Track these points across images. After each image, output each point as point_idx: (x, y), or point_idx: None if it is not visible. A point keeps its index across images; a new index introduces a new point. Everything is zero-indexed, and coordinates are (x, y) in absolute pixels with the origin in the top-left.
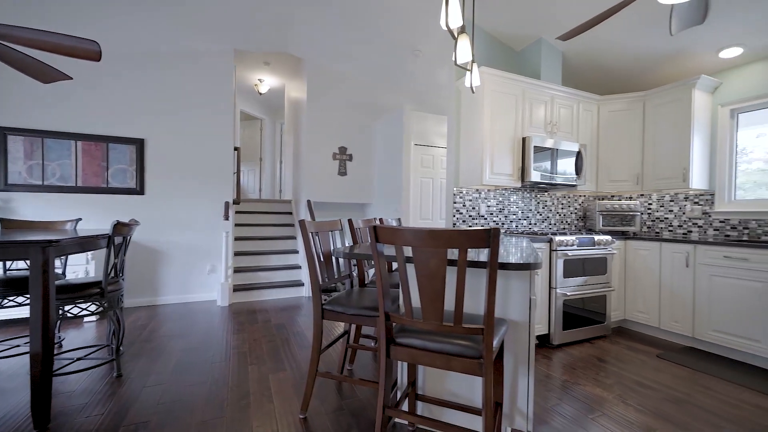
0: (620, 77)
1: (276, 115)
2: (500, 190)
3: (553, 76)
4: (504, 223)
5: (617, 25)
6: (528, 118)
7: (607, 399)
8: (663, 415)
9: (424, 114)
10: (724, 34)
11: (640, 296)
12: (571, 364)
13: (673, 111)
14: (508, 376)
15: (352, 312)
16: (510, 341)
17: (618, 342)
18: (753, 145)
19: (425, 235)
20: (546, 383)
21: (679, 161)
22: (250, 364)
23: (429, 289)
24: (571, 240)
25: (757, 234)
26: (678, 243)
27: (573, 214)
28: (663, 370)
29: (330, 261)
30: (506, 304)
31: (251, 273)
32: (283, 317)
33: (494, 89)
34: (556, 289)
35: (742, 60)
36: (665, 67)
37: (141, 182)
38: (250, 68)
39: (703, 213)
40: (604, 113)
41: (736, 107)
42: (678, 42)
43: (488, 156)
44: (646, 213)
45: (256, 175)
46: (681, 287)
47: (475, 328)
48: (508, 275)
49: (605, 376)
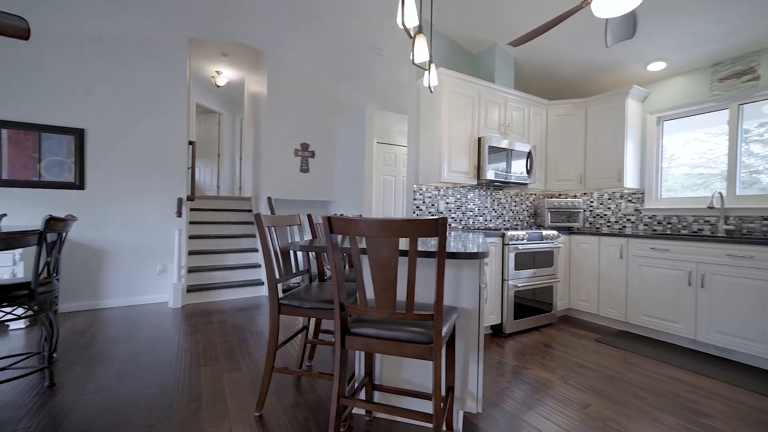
0: (566, 84)
1: (235, 109)
2: (458, 188)
3: (506, 80)
4: (462, 220)
5: (563, 37)
6: (483, 119)
7: (551, 380)
8: (598, 391)
9: (387, 113)
10: (651, 50)
11: (583, 286)
12: (521, 350)
13: (610, 117)
14: (459, 362)
15: (309, 305)
16: (461, 328)
17: (563, 329)
18: (680, 151)
19: (377, 225)
20: (498, 369)
21: (615, 163)
22: (204, 365)
23: (382, 278)
24: (522, 235)
25: (677, 228)
26: (614, 237)
27: (525, 211)
28: (600, 353)
29: (288, 256)
30: (458, 293)
31: (207, 273)
32: (241, 317)
33: (452, 90)
34: (508, 281)
35: (665, 73)
36: (604, 77)
37: (81, 176)
38: (207, 59)
39: (635, 210)
40: (552, 117)
41: (661, 115)
42: (614, 54)
43: (446, 154)
44: (588, 210)
45: (214, 171)
46: (616, 277)
47: (425, 315)
48: (460, 266)
49: (550, 360)
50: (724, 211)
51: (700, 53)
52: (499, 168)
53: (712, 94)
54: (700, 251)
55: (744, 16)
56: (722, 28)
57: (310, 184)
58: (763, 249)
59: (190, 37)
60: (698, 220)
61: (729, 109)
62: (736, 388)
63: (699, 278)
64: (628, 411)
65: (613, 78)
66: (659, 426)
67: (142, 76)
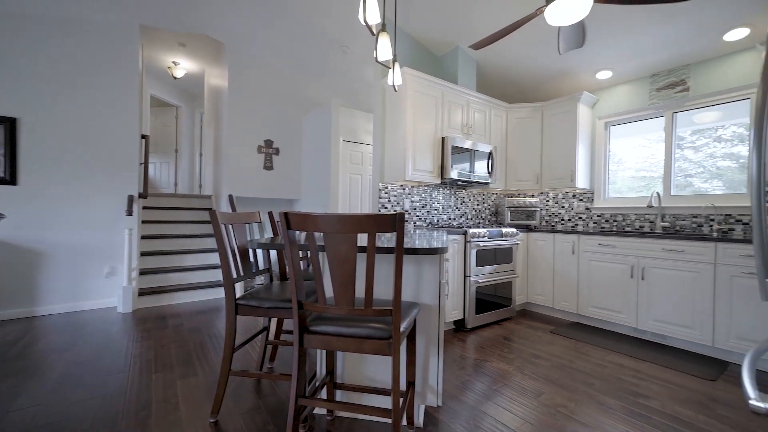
0: (524, 88)
1: (195, 103)
2: (423, 187)
3: (469, 82)
4: (426, 218)
5: (522, 43)
6: (447, 120)
7: (509, 371)
8: (551, 379)
9: (353, 111)
10: (599, 59)
11: (539, 281)
12: (482, 344)
13: (563, 121)
14: (420, 357)
15: (269, 305)
16: (422, 323)
17: (521, 322)
18: (627, 156)
19: (335, 221)
20: (460, 362)
21: (568, 164)
22: (155, 372)
23: (341, 274)
24: (483, 232)
25: (622, 225)
26: (567, 234)
27: (487, 209)
28: (554, 343)
29: (247, 255)
30: (418, 288)
31: (162, 275)
32: (199, 321)
33: (416, 90)
34: (470, 277)
35: (612, 82)
36: (558, 83)
37: (12, 170)
38: (163, 49)
39: (586, 209)
40: (512, 119)
41: (608, 120)
42: (567, 62)
43: (411, 153)
44: (544, 209)
45: (171, 168)
46: (569, 271)
47: (384, 310)
48: (421, 261)
49: (509, 352)
50: (660, 210)
51: (641, 64)
52: (462, 167)
53: (651, 103)
54: (640, 246)
55: (676, 34)
56: (660, 43)
57: (274, 181)
58: (692, 244)
59: (142, 24)
60: (640, 218)
61: (665, 117)
62: (669, 371)
63: (640, 271)
64: (577, 396)
65: (566, 84)
66: (604, 409)
67: (87, 62)
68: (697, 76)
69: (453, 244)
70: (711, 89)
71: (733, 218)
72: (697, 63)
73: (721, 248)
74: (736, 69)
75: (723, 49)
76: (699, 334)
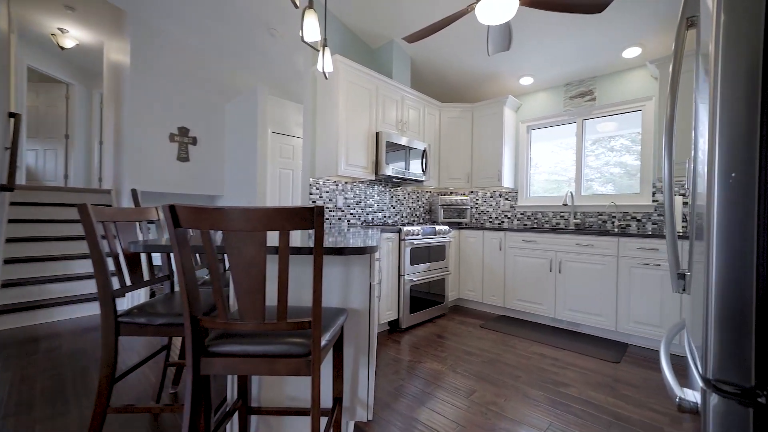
0: (457, 89)
1: (93, 82)
2: (357, 183)
3: (404, 78)
4: (361, 216)
5: (456, 43)
6: (381, 114)
7: (442, 371)
8: (482, 376)
9: (283, 100)
10: (523, 65)
11: (470, 277)
12: (416, 344)
13: (491, 122)
14: (348, 368)
15: (162, 322)
16: (351, 331)
17: (453, 318)
18: (544, 160)
19: (238, 216)
20: (394, 366)
21: (495, 164)
22: (4, 417)
23: (246, 281)
24: (417, 230)
25: (541, 222)
26: (494, 231)
27: (421, 207)
28: (484, 338)
29: (137, 260)
30: (346, 292)
31: (37, 286)
32: (85, 341)
33: (350, 80)
34: (405, 276)
35: (533, 88)
36: (488, 85)
37: None
38: (44, 11)
39: (511, 207)
40: (444, 118)
41: (530, 124)
42: (496, 66)
43: (344, 147)
44: (474, 207)
45: (60, 157)
46: (497, 267)
47: (301, 323)
48: (349, 262)
49: (442, 350)
50: (573, 208)
51: (557, 73)
52: (397, 164)
53: (565, 109)
54: (558, 242)
55: (586, 47)
56: (573, 55)
57: (191, 175)
58: (600, 239)
59: None
60: (556, 215)
61: (576, 123)
62: (582, 356)
63: (557, 265)
64: (506, 392)
65: (494, 87)
66: (530, 402)
67: None
68: (602, 87)
69: (387, 243)
70: (612, 100)
71: (630, 215)
72: (602, 76)
73: (623, 242)
74: (631, 83)
75: (622, 65)
76: (605, 320)
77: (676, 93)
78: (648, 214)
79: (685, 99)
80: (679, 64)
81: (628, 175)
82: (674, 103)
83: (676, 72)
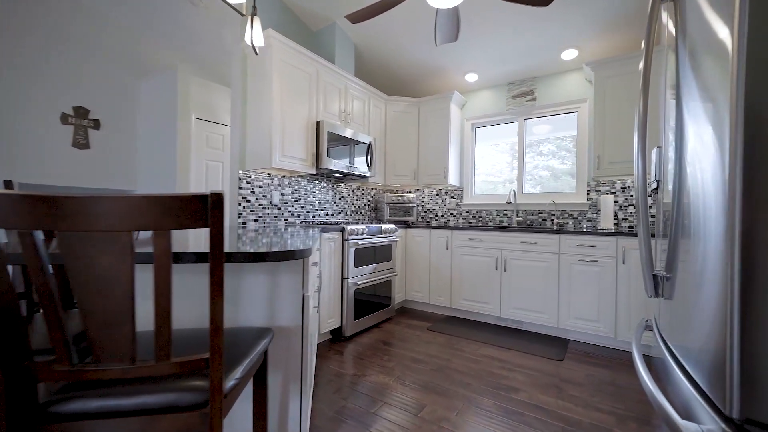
0: (403, 82)
1: None
2: (296, 178)
3: (347, 65)
4: (301, 214)
5: (403, 32)
6: (323, 103)
7: (389, 385)
8: (431, 387)
9: (210, 83)
10: (468, 61)
11: (417, 277)
12: (361, 353)
13: (438, 118)
14: (275, 401)
15: None
16: (279, 354)
17: (400, 322)
18: (481, 161)
19: (83, 208)
20: (336, 383)
21: (441, 161)
22: None
23: (100, 306)
24: (362, 229)
25: (486, 221)
26: (441, 229)
27: (366, 205)
28: (431, 342)
29: None
30: (273, 307)
31: None
32: None
33: (285, 60)
34: (348, 279)
35: (477, 85)
36: (435, 80)
37: None
38: None
39: (456, 205)
40: (390, 112)
41: (474, 122)
42: (443, 58)
43: (279, 136)
44: (421, 205)
45: None
46: (443, 266)
47: (192, 361)
48: (276, 271)
49: (389, 359)
50: (516, 206)
51: (500, 72)
52: (339, 158)
53: (508, 108)
54: (502, 239)
55: (528, 46)
56: (515, 54)
57: (93, 165)
58: (542, 236)
59: None
60: (500, 213)
61: (518, 123)
62: (528, 356)
63: (503, 263)
64: (457, 403)
65: (441, 82)
66: (483, 413)
67: None
68: (542, 88)
69: (329, 243)
70: (551, 101)
71: (567, 213)
72: (542, 76)
73: (564, 239)
74: (568, 85)
75: (560, 66)
76: (548, 317)
77: (648, 85)
78: (583, 212)
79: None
80: (650, 53)
81: (554, 176)
82: (647, 97)
83: (649, 60)
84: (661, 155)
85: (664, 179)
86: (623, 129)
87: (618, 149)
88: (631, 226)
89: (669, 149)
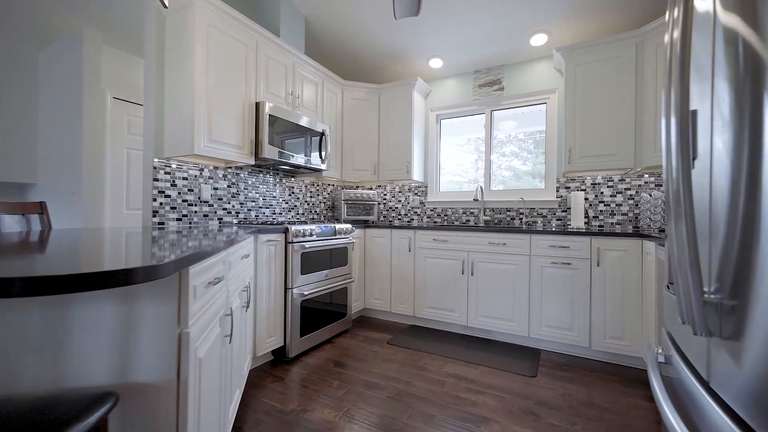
0: (363, 66)
1: None
2: (234, 170)
3: (296, 40)
4: (240, 212)
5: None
6: (264, 82)
7: (336, 424)
8: (387, 423)
9: (130, 56)
10: (432, 43)
11: (377, 283)
12: (306, 379)
13: (400, 107)
14: None
15: None
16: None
17: (357, 335)
18: (447, 161)
19: None
20: (268, 425)
21: (404, 155)
22: None
23: None
24: (310, 230)
25: (452, 220)
26: (403, 229)
27: (322, 203)
28: (391, 359)
29: None
30: (127, 353)
31: None
32: None
33: (214, 25)
34: (293, 289)
35: (442, 73)
36: (397, 65)
37: None
38: None
39: (420, 203)
40: (348, 99)
41: (439, 113)
42: (406, 40)
43: (203, 116)
44: (382, 203)
45: None
46: (406, 270)
47: None
48: (133, 297)
49: (339, 385)
50: (483, 204)
51: (466, 58)
52: (287, 148)
53: (474, 99)
54: (469, 240)
55: (494, 29)
56: (481, 39)
57: None
58: (512, 236)
59: None
60: (467, 212)
61: (485, 114)
62: (499, 372)
63: (470, 266)
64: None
65: (403, 68)
66: None
67: None
68: (510, 77)
69: (268, 247)
70: (519, 91)
71: (536, 212)
72: (510, 64)
73: (534, 240)
74: (537, 74)
75: (529, 53)
76: (517, 326)
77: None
78: (553, 210)
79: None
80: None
81: (516, 176)
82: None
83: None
84: (695, 121)
85: (706, 153)
86: (596, 120)
87: (591, 142)
88: (601, 225)
89: (715, 113)
